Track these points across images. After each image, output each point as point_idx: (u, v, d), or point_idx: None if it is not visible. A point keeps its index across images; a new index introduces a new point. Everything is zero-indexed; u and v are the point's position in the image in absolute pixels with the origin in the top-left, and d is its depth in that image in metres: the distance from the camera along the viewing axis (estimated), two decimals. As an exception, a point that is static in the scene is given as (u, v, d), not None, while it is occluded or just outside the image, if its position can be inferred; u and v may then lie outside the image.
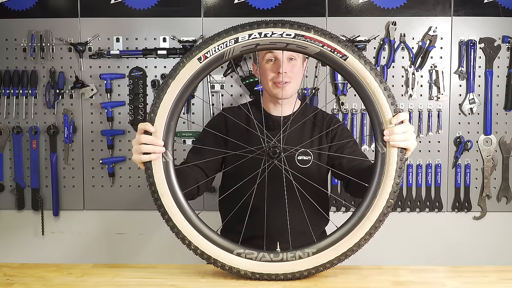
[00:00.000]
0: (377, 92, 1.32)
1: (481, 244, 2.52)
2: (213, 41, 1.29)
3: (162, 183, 1.35)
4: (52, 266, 1.47)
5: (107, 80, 2.45)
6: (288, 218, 1.65)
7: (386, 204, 1.33)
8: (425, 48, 2.44)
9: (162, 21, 2.46)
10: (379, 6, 2.44)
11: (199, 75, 1.32)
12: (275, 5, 2.44)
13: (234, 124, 1.80)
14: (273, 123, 1.79)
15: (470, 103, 2.47)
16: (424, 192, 2.50)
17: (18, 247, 2.57)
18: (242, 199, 1.68)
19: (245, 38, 1.28)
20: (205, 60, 1.30)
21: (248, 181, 1.67)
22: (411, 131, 1.36)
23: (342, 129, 1.86)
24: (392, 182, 1.34)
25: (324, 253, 1.33)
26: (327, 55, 1.30)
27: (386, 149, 1.35)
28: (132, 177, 2.52)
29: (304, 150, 1.76)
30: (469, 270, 1.46)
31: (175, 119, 1.35)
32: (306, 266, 1.33)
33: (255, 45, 1.30)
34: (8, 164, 2.53)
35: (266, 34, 1.28)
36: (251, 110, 1.82)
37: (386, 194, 1.34)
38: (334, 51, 1.29)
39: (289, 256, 1.34)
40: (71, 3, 2.46)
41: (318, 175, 1.79)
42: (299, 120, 1.82)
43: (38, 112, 2.50)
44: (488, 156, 2.49)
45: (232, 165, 1.73)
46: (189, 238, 1.35)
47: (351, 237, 1.33)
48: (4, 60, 2.48)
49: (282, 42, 1.30)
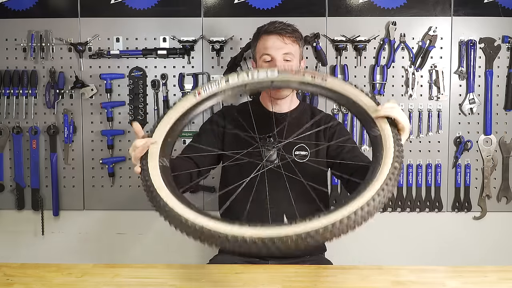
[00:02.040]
0: (359, 95, 1.42)
1: (481, 244, 2.52)
2: (208, 82, 1.49)
3: (159, 181, 1.33)
4: (52, 266, 1.47)
5: (107, 80, 2.45)
6: (287, 214, 1.65)
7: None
8: (425, 48, 2.44)
9: (162, 21, 2.46)
10: (379, 6, 2.44)
11: (195, 107, 1.47)
12: (275, 5, 2.44)
13: (233, 121, 1.83)
14: (271, 120, 1.80)
15: (470, 103, 2.47)
16: (424, 192, 2.50)
17: (18, 247, 2.57)
18: (241, 195, 1.66)
19: (234, 80, 1.47)
20: (199, 96, 1.47)
21: (247, 179, 1.68)
22: (397, 107, 1.37)
23: (341, 129, 1.87)
24: (388, 169, 1.26)
25: (335, 212, 1.17)
26: (310, 81, 1.46)
27: (378, 130, 1.35)
28: (132, 177, 2.52)
29: (301, 145, 1.77)
30: (469, 270, 1.46)
31: (172, 137, 1.44)
32: (320, 224, 1.15)
33: (244, 85, 1.48)
34: (8, 164, 2.53)
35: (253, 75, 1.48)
36: (250, 108, 1.84)
37: (382, 180, 1.24)
38: (314, 77, 1.46)
39: (298, 222, 1.18)
40: (71, 3, 2.46)
41: (315, 172, 1.79)
42: (298, 115, 1.86)
43: (38, 112, 2.50)
44: (488, 156, 2.49)
45: (230, 161, 1.75)
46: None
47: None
48: (4, 60, 2.47)
49: (267, 81, 1.47)
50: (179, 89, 2.47)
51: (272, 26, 1.79)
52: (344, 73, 2.44)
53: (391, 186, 1.22)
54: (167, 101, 2.48)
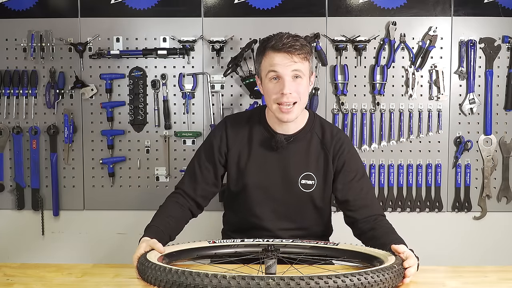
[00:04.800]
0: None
1: (481, 244, 2.52)
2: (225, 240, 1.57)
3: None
4: (52, 266, 1.47)
5: (107, 80, 2.45)
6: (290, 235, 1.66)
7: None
8: (425, 48, 2.44)
9: (162, 21, 2.46)
10: (379, 6, 2.44)
11: (205, 250, 1.50)
12: (275, 5, 2.44)
13: (236, 140, 1.73)
14: (276, 144, 1.67)
15: (470, 103, 2.47)
16: (424, 192, 2.50)
17: (18, 247, 2.57)
18: (245, 217, 1.74)
19: (249, 240, 1.52)
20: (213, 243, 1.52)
21: (251, 202, 1.71)
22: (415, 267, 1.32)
23: (351, 158, 1.71)
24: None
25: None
26: (322, 247, 1.50)
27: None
28: (132, 177, 2.52)
29: (307, 174, 1.69)
30: (469, 270, 1.46)
31: (179, 257, 1.44)
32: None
33: (257, 245, 1.49)
34: (8, 164, 2.53)
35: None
36: (255, 124, 1.73)
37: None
38: (326, 243, 1.52)
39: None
40: (71, 3, 2.46)
41: (321, 198, 1.72)
42: (306, 137, 1.71)
43: (38, 112, 2.50)
44: (488, 156, 2.49)
45: (234, 183, 1.75)
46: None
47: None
48: (4, 60, 2.47)
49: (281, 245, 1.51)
50: (179, 89, 2.47)
51: (280, 42, 1.58)
52: (344, 73, 2.44)
53: None
54: (167, 101, 2.48)
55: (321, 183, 1.69)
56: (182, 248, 1.46)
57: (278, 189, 1.69)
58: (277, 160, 1.69)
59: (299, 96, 1.60)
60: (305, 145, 1.70)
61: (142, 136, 2.50)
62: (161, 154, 2.50)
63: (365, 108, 2.47)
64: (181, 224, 1.66)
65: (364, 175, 1.72)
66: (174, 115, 2.49)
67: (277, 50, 1.58)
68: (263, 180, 1.70)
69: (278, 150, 1.68)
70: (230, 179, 1.74)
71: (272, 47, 1.59)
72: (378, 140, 2.48)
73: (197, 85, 2.47)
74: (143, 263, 1.24)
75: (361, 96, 2.47)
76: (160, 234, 1.51)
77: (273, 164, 1.69)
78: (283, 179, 1.69)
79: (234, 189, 1.74)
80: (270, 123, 1.71)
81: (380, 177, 2.49)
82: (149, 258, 1.26)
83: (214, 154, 1.72)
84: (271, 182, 1.69)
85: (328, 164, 1.69)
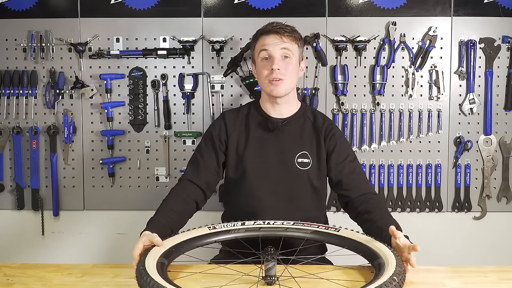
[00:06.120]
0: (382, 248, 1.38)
1: (481, 244, 2.52)
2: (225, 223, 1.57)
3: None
4: (52, 266, 1.47)
5: (107, 80, 2.45)
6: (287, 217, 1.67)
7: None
8: (425, 48, 2.44)
9: (162, 21, 2.46)
10: (379, 6, 2.44)
11: (207, 237, 1.51)
12: (275, 5, 2.44)
13: (234, 128, 1.84)
14: (272, 125, 1.81)
15: (470, 103, 2.47)
16: (424, 192, 2.50)
17: (18, 247, 2.57)
18: (245, 203, 1.78)
19: (250, 223, 1.55)
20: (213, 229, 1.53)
21: (250, 187, 1.76)
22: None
23: (342, 142, 1.83)
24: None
25: None
26: (323, 232, 1.52)
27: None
28: (132, 177, 2.52)
29: (303, 152, 1.78)
30: (469, 270, 1.46)
31: (177, 249, 1.43)
32: None
33: (258, 229, 1.54)
34: (8, 164, 2.53)
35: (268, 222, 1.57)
36: (250, 111, 1.86)
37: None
38: (327, 228, 1.53)
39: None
40: (71, 3, 2.46)
41: (318, 177, 1.81)
42: (300, 120, 1.84)
43: (38, 112, 2.50)
44: (488, 156, 2.49)
45: (234, 170, 1.80)
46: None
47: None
48: (4, 60, 2.47)
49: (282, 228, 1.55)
50: (179, 89, 2.47)
51: (270, 25, 1.78)
52: (344, 73, 2.44)
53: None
54: (167, 101, 2.48)
55: (315, 162, 1.79)
56: (182, 240, 1.46)
57: (276, 169, 1.78)
58: (274, 141, 1.80)
59: (287, 74, 1.74)
60: (298, 127, 1.82)
61: (142, 136, 2.50)
62: (161, 154, 2.50)
63: (365, 108, 2.47)
64: (184, 218, 1.69)
65: (355, 159, 1.82)
66: (174, 115, 2.49)
67: (268, 32, 1.77)
68: (261, 163, 1.78)
69: (274, 132, 1.79)
70: (229, 167, 1.82)
71: (263, 30, 1.79)
72: (378, 140, 2.48)
73: (197, 85, 2.47)
74: (142, 275, 1.20)
75: (361, 96, 2.47)
76: (162, 228, 1.52)
77: (270, 146, 1.80)
78: (281, 159, 1.78)
79: (234, 176, 1.81)
80: (265, 108, 1.85)
81: (380, 177, 2.49)
82: (147, 265, 1.23)
83: (215, 142, 1.82)
84: (269, 163, 1.78)
85: (320, 144, 1.80)
